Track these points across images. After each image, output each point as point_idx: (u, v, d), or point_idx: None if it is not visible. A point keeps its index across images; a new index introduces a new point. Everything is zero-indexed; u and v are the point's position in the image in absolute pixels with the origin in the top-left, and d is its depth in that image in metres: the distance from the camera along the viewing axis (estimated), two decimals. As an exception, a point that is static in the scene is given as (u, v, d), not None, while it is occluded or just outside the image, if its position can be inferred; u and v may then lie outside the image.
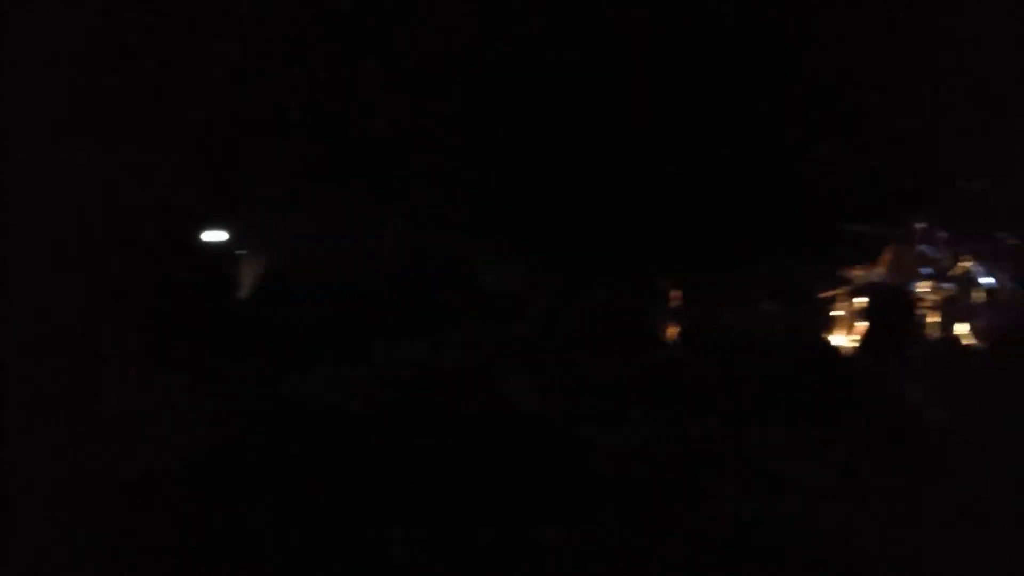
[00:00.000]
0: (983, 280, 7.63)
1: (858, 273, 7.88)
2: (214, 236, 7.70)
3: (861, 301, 7.91)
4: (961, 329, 7.55)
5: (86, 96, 5.65)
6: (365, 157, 7.74)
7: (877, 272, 8.04)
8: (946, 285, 7.68)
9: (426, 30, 7.66)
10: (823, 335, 7.51)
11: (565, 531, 2.64)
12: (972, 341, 7.43)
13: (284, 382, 3.07)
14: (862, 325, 7.53)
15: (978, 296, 7.57)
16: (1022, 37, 7.49)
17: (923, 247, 8.02)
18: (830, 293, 8.04)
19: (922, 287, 7.61)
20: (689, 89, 8.09)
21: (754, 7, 7.97)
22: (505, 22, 7.90)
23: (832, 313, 8.04)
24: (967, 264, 7.66)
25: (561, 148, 8.20)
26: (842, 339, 7.77)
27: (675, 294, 7.85)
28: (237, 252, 7.19)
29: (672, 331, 6.47)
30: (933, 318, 7.45)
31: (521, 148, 8.22)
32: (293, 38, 7.48)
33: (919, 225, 8.06)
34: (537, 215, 8.22)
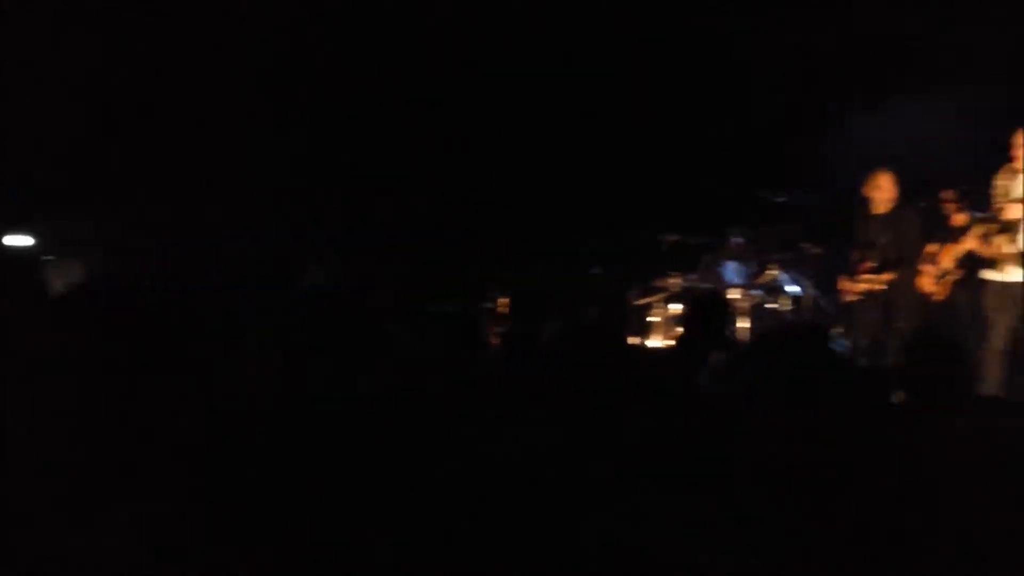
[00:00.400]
0: (789, 288, 8.02)
1: (674, 281, 8.17)
2: (17, 241, 7.26)
3: (676, 307, 8.22)
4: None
5: None
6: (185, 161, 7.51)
7: (693, 280, 8.37)
8: (755, 292, 8.05)
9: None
10: (635, 338, 7.77)
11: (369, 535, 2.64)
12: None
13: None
14: (678, 329, 7.82)
15: (784, 303, 7.97)
16: (815, 65, 7.98)
17: (735, 257, 8.40)
18: (648, 299, 8.32)
19: (733, 294, 7.95)
20: (499, 105, 8.20)
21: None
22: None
23: (649, 318, 8.32)
24: (774, 272, 8.04)
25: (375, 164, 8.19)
26: (657, 342, 8.06)
27: (503, 301, 7.96)
28: (44, 258, 6.81)
29: (496, 339, 6.54)
30: (743, 323, 7.80)
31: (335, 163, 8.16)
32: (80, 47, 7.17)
33: (734, 237, 8.42)
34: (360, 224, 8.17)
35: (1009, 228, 6.00)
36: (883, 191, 6.99)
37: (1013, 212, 5.96)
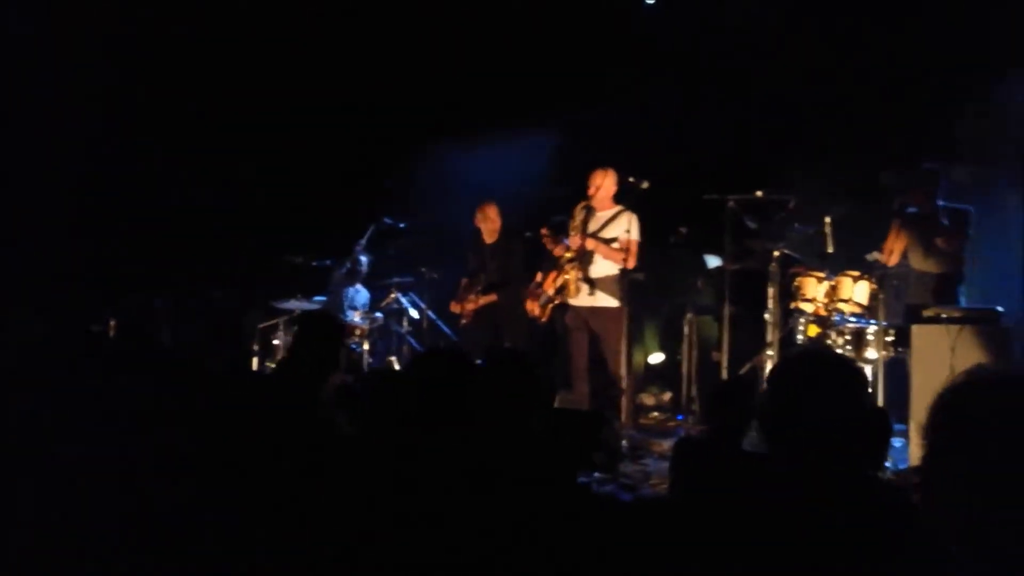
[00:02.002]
0: (411, 312, 8.28)
1: (295, 303, 8.17)
2: None
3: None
4: (392, 357, 8.18)
5: None
6: None
7: (318, 302, 8.41)
8: (377, 315, 8.23)
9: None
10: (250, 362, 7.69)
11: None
12: (399, 367, 8.07)
13: None
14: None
15: (406, 326, 8.22)
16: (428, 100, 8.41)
17: (358, 280, 8.55)
18: (270, 322, 8.24)
19: (356, 317, 8.09)
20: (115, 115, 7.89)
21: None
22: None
23: (274, 342, 8.26)
24: (395, 295, 8.27)
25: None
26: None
27: (113, 324, 7.56)
28: None
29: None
30: (365, 346, 7.96)
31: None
32: None
33: (359, 260, 8.56)
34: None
35: (579, 257, 6.66)
36: (491, 221, 7.46)
37: (584, 244, 6.62)
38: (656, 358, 8.67)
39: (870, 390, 5.83)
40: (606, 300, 6.66)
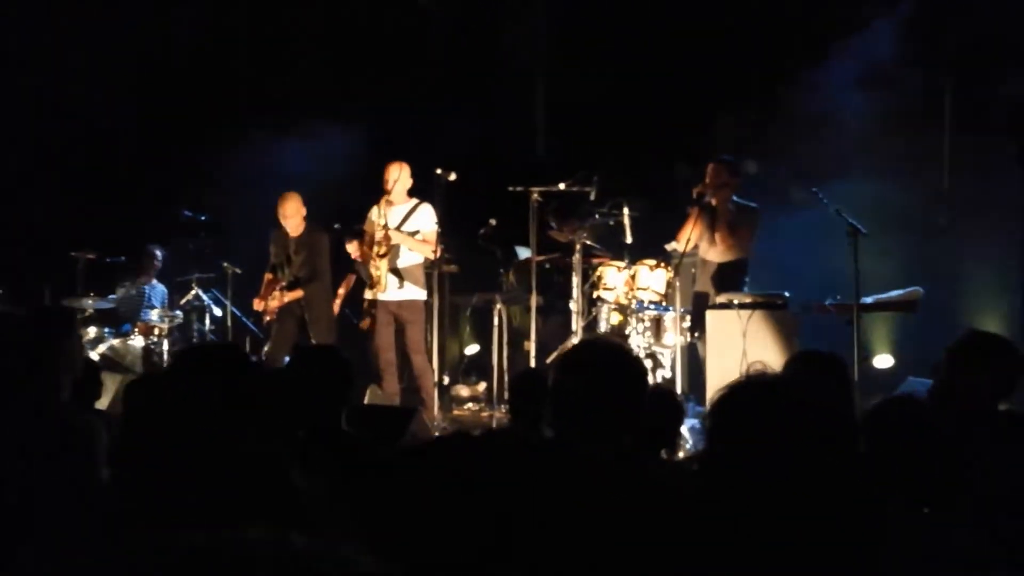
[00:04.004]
0: (214, 309, 7.96)
1: (88, 302, 7.72)
2: None
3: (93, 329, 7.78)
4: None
5: None
6: None
7: (108, 300, 7.98)
8: (177, 313, 7.87)
9: None
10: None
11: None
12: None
13: None
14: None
15: (209, 324, 7.90)
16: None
17: (155, 276, 8.18)
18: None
19: (153, 315, 7.74)
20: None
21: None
22: None
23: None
24: (195, 292, 7.94)
25: None
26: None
27: None
28: None
29: None
30: (165, 346, 7.60)
31: None
32: None
33: (159, 252, 8.19)
34: None
35: (386, 252, 6.65)
36: (294, 214, 7.24)
37: (388, 237, 6.60)
38: (472, 349, 8.71)
39: (649, 375, 6.09)
40: (414, 292, 6.67)
